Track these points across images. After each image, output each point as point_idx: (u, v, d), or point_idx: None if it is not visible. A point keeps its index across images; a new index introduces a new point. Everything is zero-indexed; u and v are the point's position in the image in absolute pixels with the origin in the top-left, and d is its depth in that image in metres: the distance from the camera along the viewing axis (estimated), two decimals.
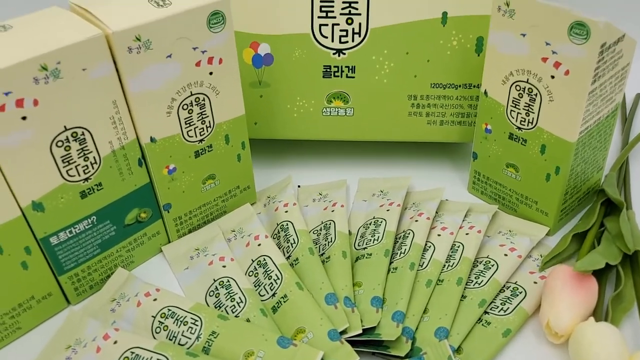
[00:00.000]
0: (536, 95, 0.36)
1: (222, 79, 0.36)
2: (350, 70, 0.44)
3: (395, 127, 0.46)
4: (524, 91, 0.37)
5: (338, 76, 0.44)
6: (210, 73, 0.35)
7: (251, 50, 0.44)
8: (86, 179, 0.33)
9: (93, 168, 0.33)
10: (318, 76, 0.44)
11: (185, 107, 0.35)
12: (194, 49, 0.34)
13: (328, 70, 0.44)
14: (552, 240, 0.40)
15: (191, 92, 0.35)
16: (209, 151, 0.38)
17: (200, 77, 0.35)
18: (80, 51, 0.30)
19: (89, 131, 0.32)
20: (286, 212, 0.42)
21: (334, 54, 0.43)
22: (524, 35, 0.35)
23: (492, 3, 0.40)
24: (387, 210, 0.42)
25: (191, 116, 0.36)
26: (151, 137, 0.35)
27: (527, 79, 0.36)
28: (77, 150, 0.32)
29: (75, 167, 0.32)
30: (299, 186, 0.46)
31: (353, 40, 0.43)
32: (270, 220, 0.42)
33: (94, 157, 0.33)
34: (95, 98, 0.32)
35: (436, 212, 0.42)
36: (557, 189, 0.38)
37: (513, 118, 0.38)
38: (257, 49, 0.43)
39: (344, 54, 0.43)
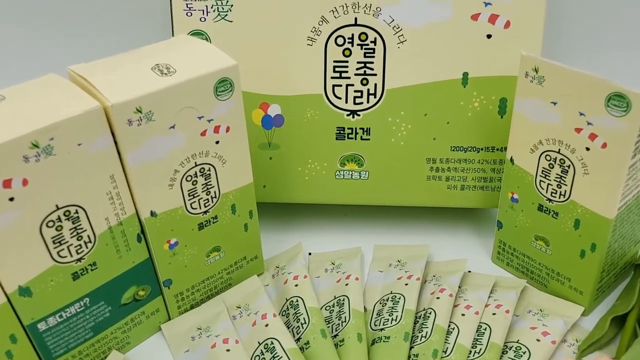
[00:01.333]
0: (569, 167, 0.33)
1: (229, 148, 0.34)
2: (365, 132, 0.41)
3: (413, 192, 0.43)
4: (555, 162, 0.34)
5: (352, 138, 0.42)
6: (217, 142, 0.33)
7: (261, 111, 0.41)
8: (79, 259, 0.31)
9: (87, 247, 0.31)
10: (331, 138, 0.42)
11: (189, 178, 0.33)
12: (200, 118, 0.32)
13: (342, 132, 0.42)
14: (587, 321, 0.37)
15: (195, 162, 0.33)
16: (213, 222, 0.36)
17: (205, 146, 0.33)
18: (76, 126, 0.27)
19: (83, 209, 0.30)
20: (296, 286, 0.38)
21: (347, 115, 0.41)
22: (554, 103, 0.32)
23: (518, 67, 0.38)
24: (406, 284, 0.39)
25: (195, 187, 0.33)
26: (151, 212, 0.32)
27: (559, 150, 0.33)
28: (70, 230, 0.29)
29: (67, 247, 0.30)
30: (309, 253, 0.43)
31: (368, 102, 0.41)
32: (279, 294, 0.39)
33: (88, 236, 0.30)
34: (91, 174, 0.29)
35: (459, 287, 0.39)
36: (593, 267, 0.35)
37: (543, 189, 0.35)
38: (267, 110, 0.41)
39: (359, 115, 0.41)
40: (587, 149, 0.32)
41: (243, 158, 0.35)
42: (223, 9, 0.39)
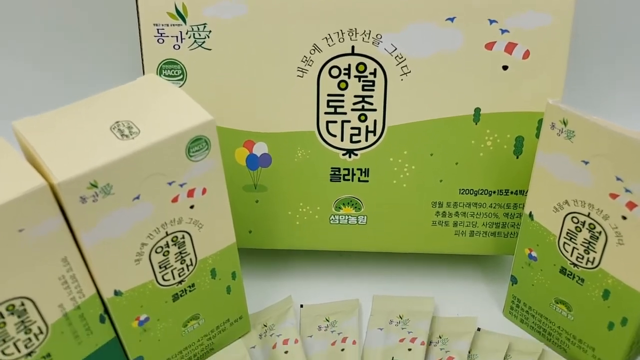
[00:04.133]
0: (600, 233, 0.29)
1: (207, 211, 0.29)
2: (363, 174, 0.37)
3: (417, 238, 0.38)
4: (583, 225, 0.29)
5: (349, 180, 0.37)
6: (191, 207, 0.28)
7: (245, 150, 0.36)
8: (29, 354, 0.26)
9: (38, 340, 0.26)
10: (325, 180, 0.37)
11: (159, 250, 0.28)
12: (170, 184, 0.27)
13: (337, 173, 0.37)
14: None
15: (167, 232, 0.28)
16: (190, 291, 0.31)
17: (178, 213, 0.28)
18: (14, 210, 0.23)
19: (30, 300, 0.25)
20: (286, 352, 0.34)
21: (343, 154, 0.36)
22: (586, 162, 0.28)
23: (537, 103, 0.34)
24: (409, 349, 0.34)
25: (167, 258, 0.29)
26: (115, 291, 0.28)
27: (589, 213, 0.29)
28: (16, 325, 0.25)
29: (14, 343, 0.25)
30: (301, 306, 0.39)
31: (367, 140, 0.36)
32: None
33: (39, 327, 0.26)
34: (38, 260, 0.24)
35: (469, 352, 0.34)
36: (623, 341, 0.31)
37: (567, 252, 0.31)
38: (252, 149, 0.36)
39: (356, 154, 0.36)
40: (624, 217, 0.27)
41: (223, 218, 0.30)
42: (200, 35, 0.34)
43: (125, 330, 0.29)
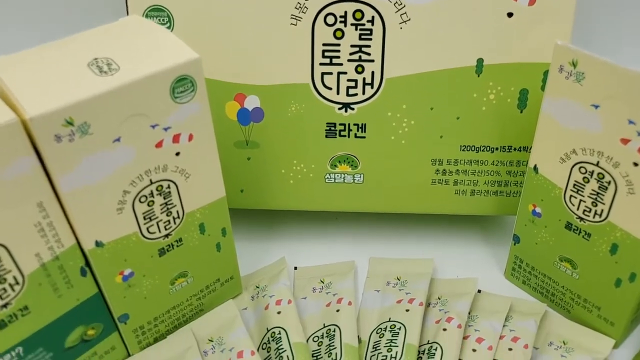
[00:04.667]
0: (609, 183, 0.27)
1: (194, 159, 0.27)
2: (360, 129, 0.35)
3: (416, 198, 0.37)
4: (591, 176, 0.28)
5: (345, 136, 0.35)
6: (177, 154, 0.27)
7: (236, 104, 0.35)
8: (4, 306, 0.25)
9: (14, 290, 0.25)
10: (320, 136, 0.35)
11: (143, 199, 0.27)
12: (153, 127, 0.25)
13: (332, 128, 0.35)
14: (617, 355, 0.32)
15: (151, 180, 0.26)
16: (178, 246, 0.30)
17: (162, 160, 0.26)
18: None
19: (4, 246, 0.23)
20: (279, 313, 0.33)
21: (339, 108, 0.35)
22: (596, 107, 0.26)
23: (543, 53, 0.32)
24: (407, 310, 0.33)
25: (152, 209, 0.27)
26: (97, 242, 0.26)
27: (597, 162, 0.27)
28: None
29: None
30: (295, 268, 0.38)
31: (364, 93, 0.34)
32: (258, 321, 0.34)
33: (14, 278, 0.24)
34: (11, 204, 0.23)
35: (469, 313, 0.33)
36: (630, 298, 0.29)
37: (574, 205, 0.30)
38: (243, 103, 0.35)
39: (353, 109, 0.35)
40: (635, 164, 0.26)
41: (211, 169, 0.29)
42: None
43: (109, 285, 0.28)
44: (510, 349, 0.31)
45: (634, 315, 0.31)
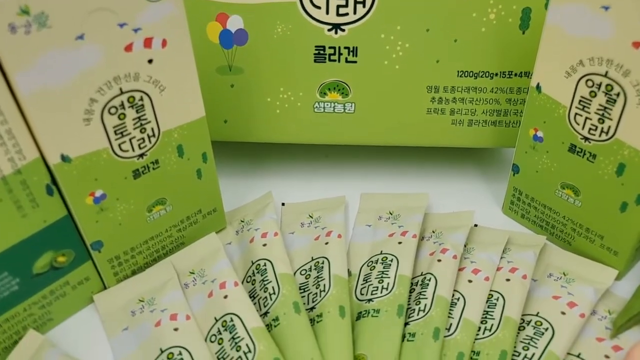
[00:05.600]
0: (618, 95, 0.25)
1: (169, 70, 0.25)
2: (351, 53, 0.33)
3: (410, 129, 0.35)
4: (598, 88, 0.26)
5: (335, 60, 0.33)
6: (150, 61, 0.24)
7: (218, 25, 0.32)
8: None
9: None
10: (308, 60, 0.33)
11: (113, 110, 0.24)
12: (121, 25, 0.23)
13: (321, 52, 0.33)
14: (621, 288, 0.30)
15: (121, 89, 0.24)
16: (154, 169, 0.28)
17: (133, 67, 0.24)
18: None
19: None
20: (264, 245, 0.31)
21: (329, 30, 0.32)
22: (606, 8, 0.24)
23: None
24: (399, 242, 0.31)
25: (123, 123, 0.25)
26: (63, 155, 0.24)
27: (606, 72, 0.25)
28: None
29: None
30: (283, 204, 0.36)
31: (355, 12, 0.32)
32: (243, 255, 0.32)
33: None
34: None
35: (464, 246, 0.31)
36: (635, 222, 0.28)
37: (578, 125, 0.28)
38: (225, 23, 0.32)
39: (343, 30, 0.32)
40: None
41: (189, 83, 0.27)
42: None
43: (78, 207, 0.26)
44: (508, 280, 0.29)
45: (639, 243, 0.29)
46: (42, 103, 0.22)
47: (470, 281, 0.29)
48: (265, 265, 0.30)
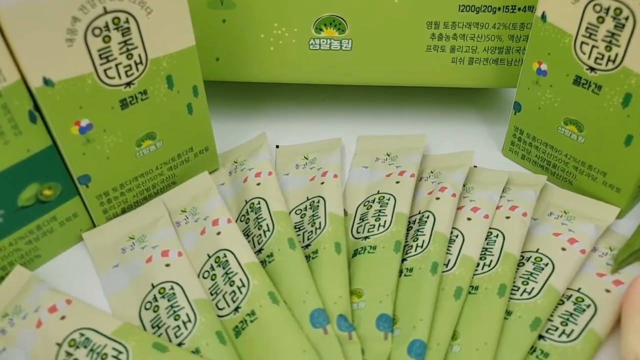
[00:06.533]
0: (627, 19, 0.24)
1: None
2: None
3: (408, 67, 0.34)
4: (607, 13, 0.25)
5: None
6: None
7: None
8: None
9: None
10: None
11: (97, 32, 0.23)
12: None
13: None
14: (623, 226, 0.29)
15: (105, 8, 0.23)
16: (142, 99, 0.26)
17: None
18: None
19: None
20: (258, 184, 0.30)
21: None
22: None
23: None
24: (397, 182, 0.31)
25: (109, 47, 0.24)
26: (45, 79, 0.23)
27: None
28: None
29: None
30: (277, 146, 0.35)
31: None
32: (236, 195, 0.31)
33: None
34: None
35: (463, 185, 0.31)
36: (639, 156, 0.27)
37: (584, 54, 0.26)
38: None
39: None
40: None
41: (178, 8, 0.25)
42: None
43: (63, 136, 0.25)
44: (507, 218, 0.29)
45: None
46: (21, 19, 0.21)
47: (469, 219, 0.29)
48: (259, 203, 0.29)
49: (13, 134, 0.23)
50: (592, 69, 0.27)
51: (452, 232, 0.28)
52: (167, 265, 0.26)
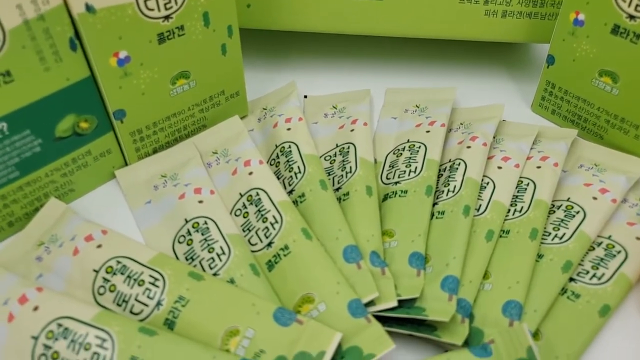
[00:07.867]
0: None
1: None
2: None
3: (441, 19, 0.33)
4: None
5: None
6: None
7: None
8: None
9: None
10: None
11: None
12: None
13: None
14: None
15: None
16: (179, 35, 0.26)
17: None
18: None
19: None
20: (288, 129, 0.30)
21: None
22: None
23: None
24: (427, 131, 0.31)
25: None
26: (87, 5, 0.23)
27: None
28: None
29: None
30: (305, 96, 0.35)
31: None
32: (266, 140, 0.31)
33: None
34: None
35: (494, 137, 0.31)
36: None
37: (625, 1, 0.26)
38: None
39: None
40: None
41: None
42: None
43: (102, 66, 0.25)
44: (538, 167, 0.29)
45: None
46: None
47: (499, 167, 0.29)
48: (290, 147, 0.29)
49: (54, 60, 0.24)
50: (631, 16, 0.26)
51: (483, 180, 0.28)
52: (200, 202, 0.27)
